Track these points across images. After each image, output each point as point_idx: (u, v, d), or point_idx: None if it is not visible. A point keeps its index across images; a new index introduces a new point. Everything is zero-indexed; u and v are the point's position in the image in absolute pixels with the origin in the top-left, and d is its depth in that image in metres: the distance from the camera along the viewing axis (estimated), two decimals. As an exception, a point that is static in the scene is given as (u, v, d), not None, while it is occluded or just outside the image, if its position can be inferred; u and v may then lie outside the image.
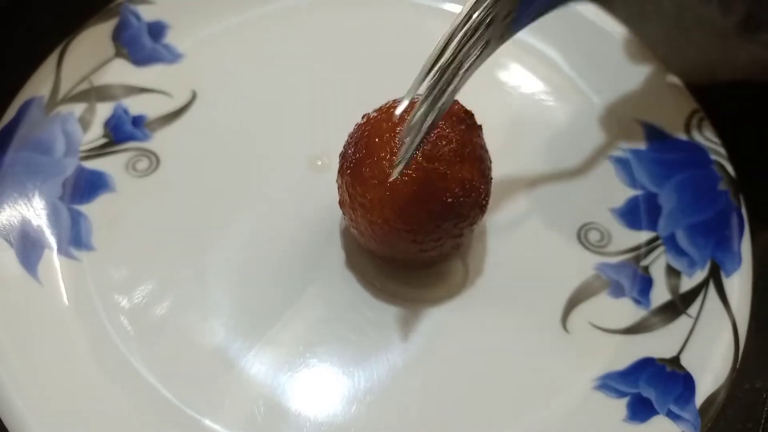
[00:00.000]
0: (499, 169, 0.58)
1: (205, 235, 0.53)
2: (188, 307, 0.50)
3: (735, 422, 0.49)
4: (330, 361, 0.49)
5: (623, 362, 0.49)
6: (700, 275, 0.52)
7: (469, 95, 0.63)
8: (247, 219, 0.54)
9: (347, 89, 0.60)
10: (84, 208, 0.54)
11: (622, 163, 0.59)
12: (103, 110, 0.59)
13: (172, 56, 0.63)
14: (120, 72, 0.61)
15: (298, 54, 0.64)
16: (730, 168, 0.56)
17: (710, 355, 0.48)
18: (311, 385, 0.47)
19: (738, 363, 0.48)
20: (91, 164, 0.56)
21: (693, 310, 0.51)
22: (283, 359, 0.48)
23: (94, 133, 0.58)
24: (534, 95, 0.63)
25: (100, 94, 0.59)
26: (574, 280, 0.53)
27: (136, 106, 0.60)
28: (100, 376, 0.46)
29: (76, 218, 0.53)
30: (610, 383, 0.48)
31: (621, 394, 0.48)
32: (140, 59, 0.62)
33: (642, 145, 0.60)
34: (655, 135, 0.60)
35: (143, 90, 0.60)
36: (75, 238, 0.52)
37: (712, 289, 0.51)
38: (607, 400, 0.47)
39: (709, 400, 0.46)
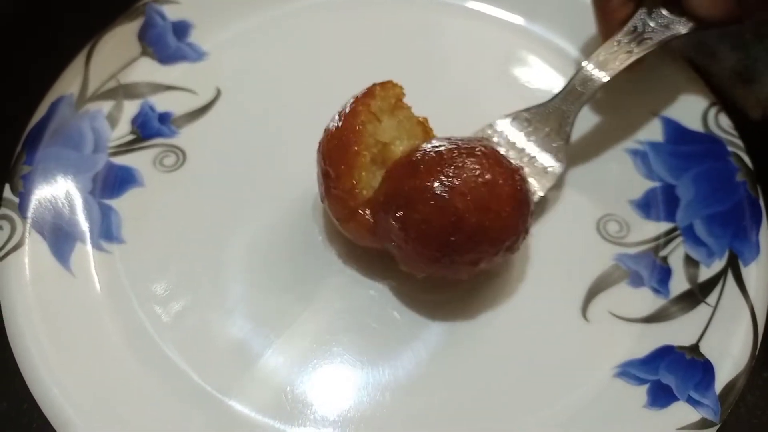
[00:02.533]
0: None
1: (229, 228, 0.55)
2: (215, 297, 0.51)
3: (755, 409, 0.49)
4: (354, 350, 0.50)
5: (643, 350, 0.50)
6: (718, 265, 0.53)
7: (489, 90, 0.64)
8: (270, 213, 0.55)
9: (368, 84, 0.61)
10: (114, 203, 0.55)
11: (640, 156, 0.60)
12: (131, 108, 0.60)
13: (196, 54, 0.64)
14: (146, 70, 0.62)
15: (320, 51, 0.65)
16: (747, 159, 0.57)
17: (729, 342, 0.49)
18: (336, 373, 0.49)
19: (757, 350, 0.48)
20: (120, 160, 0.58)
21: (712, 298, 0.51)
22: (308, 348, 0.50)
23: (122, 130, 0.59)
24: (553, 91, 0.63)
25: (128, 91, 0.61)
26: (594, 270, 0.54)
27: (162, 103, 0.61)
28: (134, 363, 0.48)
29: (107, 212, 0.55)
30: (630, 371, 0.49)
31: (641, 381, 0.48)
32: (165, 57, 0.63)
33: (660, 138, 0.60)
34: (672, 128, 0.60)
35: (169, 87, 0.62)
36: (105, 231, 0.54)
37: (730, 278, 0.52)
38: (627, 387, 0.48)
39: (729, 387, 0.47)
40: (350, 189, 0.48)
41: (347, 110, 0.50)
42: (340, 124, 0.49)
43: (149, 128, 0.60)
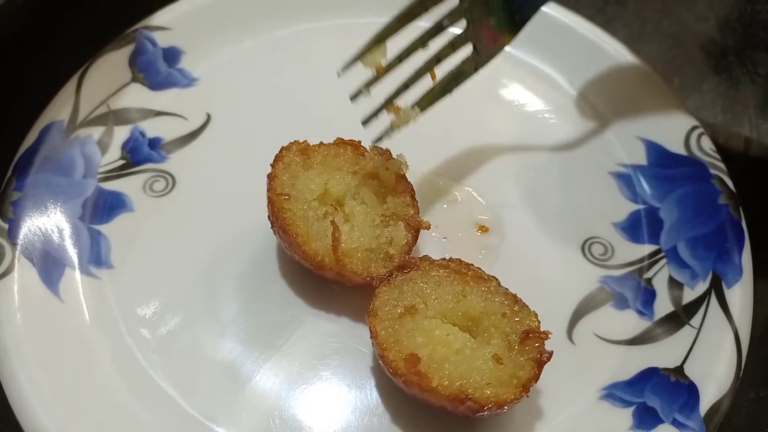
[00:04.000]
0: (503, 187, 0.60)
1: (218, 252, 0.55)
2: (204, 322, 0.52)
3: (740, 431, 0.50)
4: (342, 374, 0.50)
5: (628, 372, 0.51)
6: (702, 287, 0.54)
7: (473, 113, 0.65)
8: (259, 238, 0.55)
9: (356, 110, 0.62)
10: (103, 228, 0.56)
11: (625, 178, 0.61)
12: (121, 133, 0.61)
13: (186, 80, 0.65)
14: (137, 96, 0.63)
15: (310, 77, 0.66)
16: (729, 182, 0.58)
17: (713, 364, 0.49)
18: (325, 397, 0.49)
19: (741, 372, 0.49)
20: (110, 185, 0.58)
21: (696, 320, 0.52)
22: (296, 372, 0.50)
23: (112, 155, 0.60)
24: (536, 114, 0.64)
25: (118, 117, 0.61)
26: (579, 292, 0.55)
27: (152, 128, 0.62)
28: (123, 389, 0.48)
29: (96, 237, 0.55)
30: (615, 393, 0.50)
31: (627, 404, 0.49)
32: (156, 83, 0.64)
33: (643, 161, 0.61)
34: (655, 151, 0.61)
35: (159, 113, 0.63)
36: (95, 256, 0.54)
37: (714, 300, 0.53)
38: (613, 409, 0.49)
39: (714, 409, 0.47)
40: (306, 254, 0.50)
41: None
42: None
43: (139, 153, 0.60)
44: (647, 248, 0.57)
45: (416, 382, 0.44)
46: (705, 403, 0.47)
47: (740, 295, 0.52)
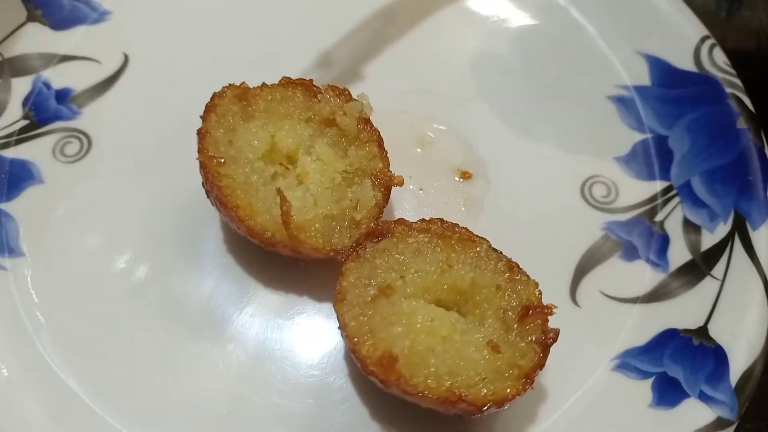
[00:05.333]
0: (485, 122, 0.51)
1: (148, 227, 0.46)
2: (132, 318, 0.43)
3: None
4: (309, 362, 0.42)
5: (643, 336, 0.43)
6: (722, 229, 0.46)
7: (443, 34, 0.55)
8: (197, 206, 0.45)
9: (307, 40, 0.52)
10: (8, 207, 0.46)
11: (626, 103, 0.52)
12: (20, 86, 0.50)
13: (96, 14, 0.53)
14: (36, 38, 0.52)
15: (242, 6, 0.54)
16: (748, 102, 0.49)
17: (742, 322, 0.42)
18: (287, 394, 0.41)
19: (775, 330, 0.42)
20: (12, 152, 0.48)
21: (718, 270, 0.44)
22: (252, 366, 0.42)
23: (12, 115, 0.49)
24: (518, 30, 0.55)
25: (14, 67, 0.50)
26: (581, 244, 0.47)
27: (59, 77, 0.51)
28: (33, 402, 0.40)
29: (1, 219, 0.45)
30: (630, 362, 0.43)
31: (644, 375, 0.42)
32: (59, 21, 0.53)
33: (646, 81, 0.52)
34: (660, 68, 0.52)
35: (66, 58, 0.52)
36: (0, 243, 0.44)
37: (738, 244, 0.45)
38: (628, 382, 0.42)
39: (745, 376, 0.40)
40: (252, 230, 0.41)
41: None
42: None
43: (45, 110, 0.50)
44: (657, 185, 0.49)
45: (395, 384, 0.36)
46: (735, 371, 0.41)
47: (769, 237, 0.45)
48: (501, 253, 0.41)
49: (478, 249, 0.41)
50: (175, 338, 0.43)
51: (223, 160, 0.41)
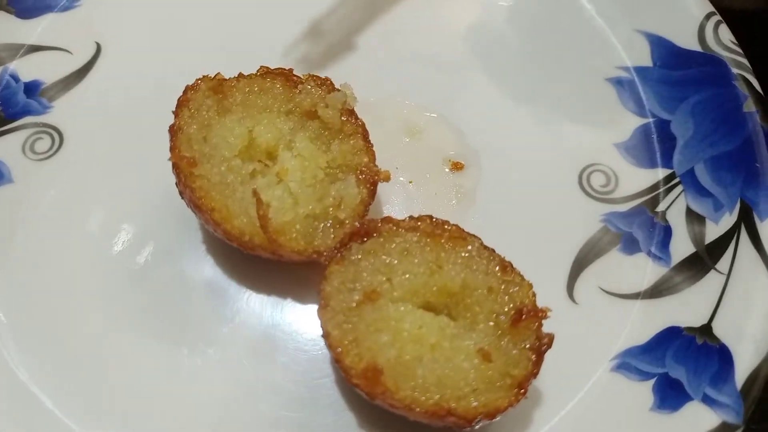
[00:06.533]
0: (477, 108, 0.49)
1: (123, 227, 0.44)
2: (109, 324, 0.41)
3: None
4: (293, 371, 0.40)
5: (644, 335, 0.41)
6: (728, 220, 0.43)
7: (431, 14, 0.52)
8: (175, 205, 0.43)
9: (269, 26, 0.49)
10: (-24, 209, 0.44)
11: (626, 86, 0.49)
12: (-14, 79, 0.48)
13: (65, 1, 0.51)
14: (1, 28, 0.49)
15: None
16: (756, 83, 0.47)
17: (747, 319, 0.40)
18: (272, 401, 0.40)
19: (782, 328, 0.40)
20: (-21, 150, 0.46)
21: (723, 264, 0.42)
22: (232, 375, 0.40)
23: (-22, 110, 0.47)
24: (517, 5, 0.52)
25: (-21, 58, 0.48)
26: (579, 237, 0.45)
27: (26, 69, 0.48)
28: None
29: (-32, 224, 0.43)
30: (630, 362, 0.40)
31: (645, 376, 0.40)
32: (25, 9, 0.50)
33: (648, 62, 0.50)
34: (662, 48, 0.49)
35: (34, 48, 0.49)
36: (-33, 249, 0.43)
37: (744, 236, 0.43)
38: (629, 384, 0.40)
39: (752, 378, 0.38)
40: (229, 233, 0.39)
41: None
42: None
43: (13, 104, 0.47)
44: (658, 173, 0.46)
45: (380, 397, 0.34)
46: (741, 372, 0.39)
47: (777, 228, 0.42)
48: (493, 251, 0.39)
49: (469, 248, 0.38)
50: (152, 344, 0.41)
51: (196, 160, 0.38)
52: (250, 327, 0.41)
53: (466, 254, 0.38)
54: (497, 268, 0.38)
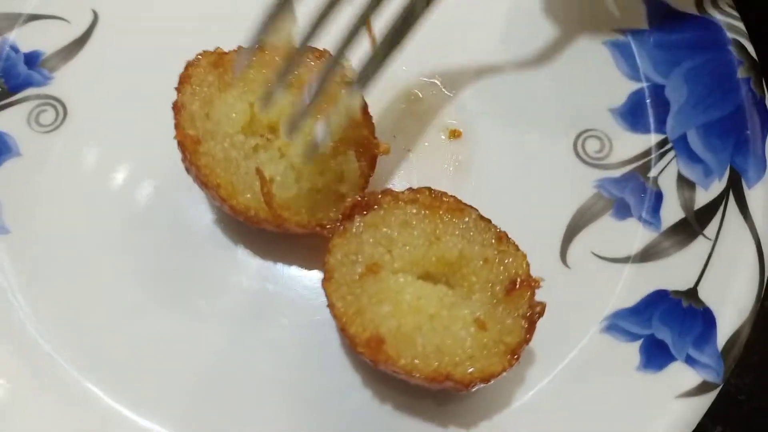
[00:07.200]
0: (474, 74, 0.49)
1: (132, 198, 0.45)
2: (119, 293, 0.43)
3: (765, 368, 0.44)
4: (299, 335, 0.43)
5: (633, 297, 0.43)
6: (717, 186, 0.45)
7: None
8: (182, 173, 0.45)
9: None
10: (-12, 182, 0.45)
11: (622, 49, 0.50)
12: (-15, 50, 0.48)
13: (61, -33, 0.50)
14: (-2, -4, 0.49)
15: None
16: (751, 48, 0.47)
17: (731, 284, 0.42)
18: (279, 373, 0.42)
19: (763, 292, 0.42)
20: (-16, 123, 0.46)
21: (711, 230, 0.44)
22: (236, 346, 0.42)
23: (-20, 83, 0.47)
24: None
25: (-23, 28, 0.48)
26: (572, 203, 0.46)
27: (25, 39, 0.48)
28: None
29: (-19, 196, 0.44)
30: (619, 323, 0.43)
31: (633, 337, 0.42)
32: (21, -24, 0.49)
33: (644, 25, 0.50)
34: (657, 10, 0.50)
35: (32, 17, 0.49)
36: (-18, 220, 0.44)
37: (732, 202, 0.44)
38: (617, 344, 0.42)
39: (732, 340, 0.41)
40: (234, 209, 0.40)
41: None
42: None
43: (15, 76, 0.47)
44: (651, 139, 0.47)
45: (383, 364, 0.36)
46: (722, 335, 0.41)
47: (764, 196, 0.44)
48: (490, 222, 0.40)
49: (466, 219, 0.40)
50: (159, 306, 0.43)
51: (200, 138, 0.39)
52: (253, 292, 0.43)
53: (464, 225, 0.40)
54: (493, 239, 0.39)
